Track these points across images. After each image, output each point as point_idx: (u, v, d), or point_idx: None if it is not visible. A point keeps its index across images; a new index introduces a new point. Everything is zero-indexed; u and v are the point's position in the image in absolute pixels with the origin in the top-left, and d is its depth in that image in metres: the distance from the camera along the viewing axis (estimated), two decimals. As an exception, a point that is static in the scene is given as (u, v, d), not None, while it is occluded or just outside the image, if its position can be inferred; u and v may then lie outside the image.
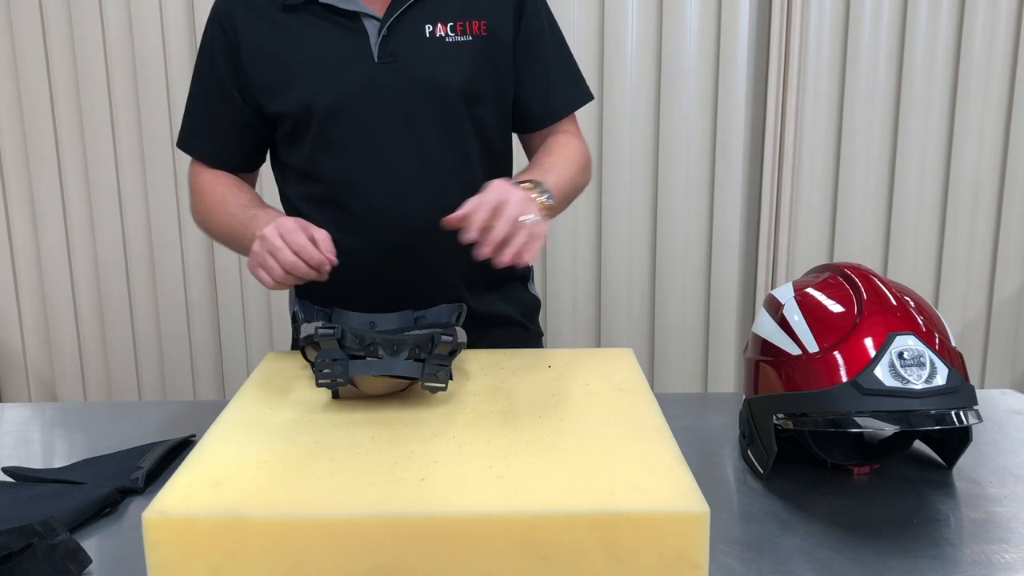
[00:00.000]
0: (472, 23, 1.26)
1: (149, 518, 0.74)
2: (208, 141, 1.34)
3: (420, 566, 0.74)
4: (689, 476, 0.80)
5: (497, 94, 1.31)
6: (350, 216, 1.27)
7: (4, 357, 2.63)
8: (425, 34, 1.24)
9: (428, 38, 1.24)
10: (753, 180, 2.50)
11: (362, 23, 1.24)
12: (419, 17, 1.24)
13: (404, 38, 1.24)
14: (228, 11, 1.27)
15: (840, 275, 1.07)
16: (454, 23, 1.25)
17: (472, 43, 1.26)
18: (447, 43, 1.25)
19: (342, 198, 1.27)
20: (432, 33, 1.25)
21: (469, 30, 1.26)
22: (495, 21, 1.28)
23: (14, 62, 2.42)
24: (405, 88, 1.24)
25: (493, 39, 1.27)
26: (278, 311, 2.57)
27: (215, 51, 1.28)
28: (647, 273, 2.55)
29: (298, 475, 0.81)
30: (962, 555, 0.89)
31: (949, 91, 2.45)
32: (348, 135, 1.25)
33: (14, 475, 1.07)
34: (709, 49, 2.42)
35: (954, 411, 0.93)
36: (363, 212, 1.27)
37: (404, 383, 1.00)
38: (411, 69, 1.24)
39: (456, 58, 1.25)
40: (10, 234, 2.54)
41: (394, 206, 1.26)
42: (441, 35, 1.25)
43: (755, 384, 1.08)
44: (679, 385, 2.61)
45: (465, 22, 1.26)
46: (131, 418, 1.28)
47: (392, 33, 1.23)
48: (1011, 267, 2.55)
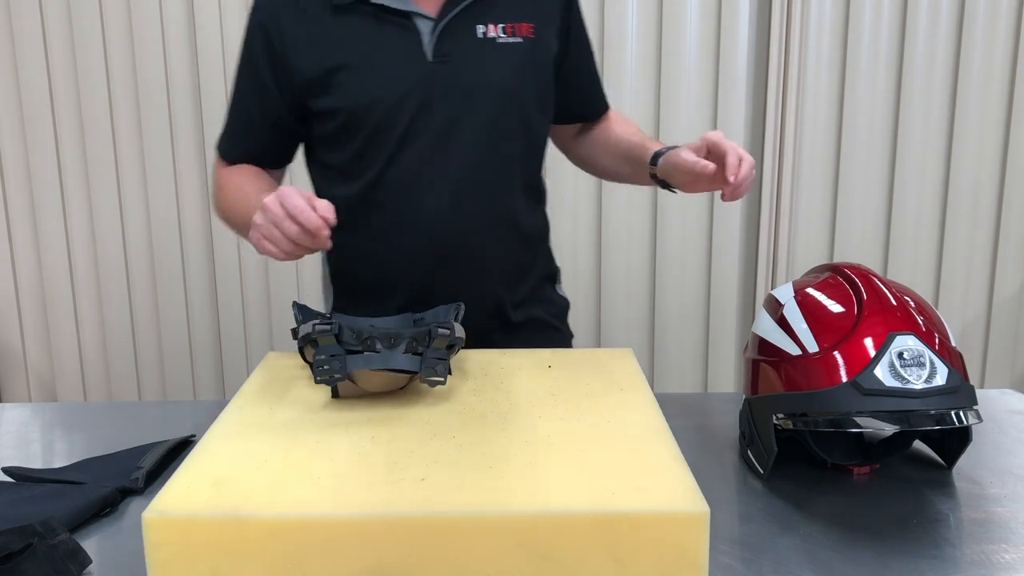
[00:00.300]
0: (521, 25, 1.27)
1: (149, 518, 0.74)
2: (241, 141, 1.35)
3: (420, 566, 0.74)
4: (689, 476, 0.80)
5: (540, 96, 1.32)
6: (394, 215, 1.28)
7: (4, 357, 2.63)
8: (477, 35, 1.25)
9: (481, 39, 1.25)
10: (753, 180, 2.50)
11: (415, 23, 1.24)
12: (471, 18, 1.25)
13: (457, 38, 1.24)
14: (272, 11, 1.27)
15: (840, 275, 1.07)
16: (504, 24, 1.26)
17: (521, 45, 1.27)
18: (499, 44, 1.26)
19: (387, 197, 1.28)
20: (484, 34, 1.25)
21: (518, 32, 1.27)
22: (542, 25, 1.29)
23: (14, 62, 2.42)
24: (458, 88, 1.24)
25: (539, 42, 1.29)
26: (278, 311, 2.57)
27: (255, 51, 1.28)
28: (647, 273, 2.55)
29: (298, 475, 0.81)
30: (962, 555, 0.89)
31: (949, 91, 2.45)
32: (399, 133, 1.25)
33: (14, 475, 1.07)
34: (709, 49, 2.42)
35: (954, 411, 0.93)
36: (408, 211, 1.27)
37: (403, 379, 1.00)
38: (464, 69, 1.24)
39: (507, 59, 1.26)
40: (10, 234, 2.54)
41: (440, 206, 1.26)
42: (493, 36, 1.26)
43: (755, 384, 1.08)
44: (679, 385, 2.61)
45: (514, 24, 1.27)
46: (131, 418, 1.28)
47: (446, 33, 1.24)
48: (1011, 267, 2.55)
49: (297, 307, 1.11)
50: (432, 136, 1.25)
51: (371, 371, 0.96)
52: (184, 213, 2.51)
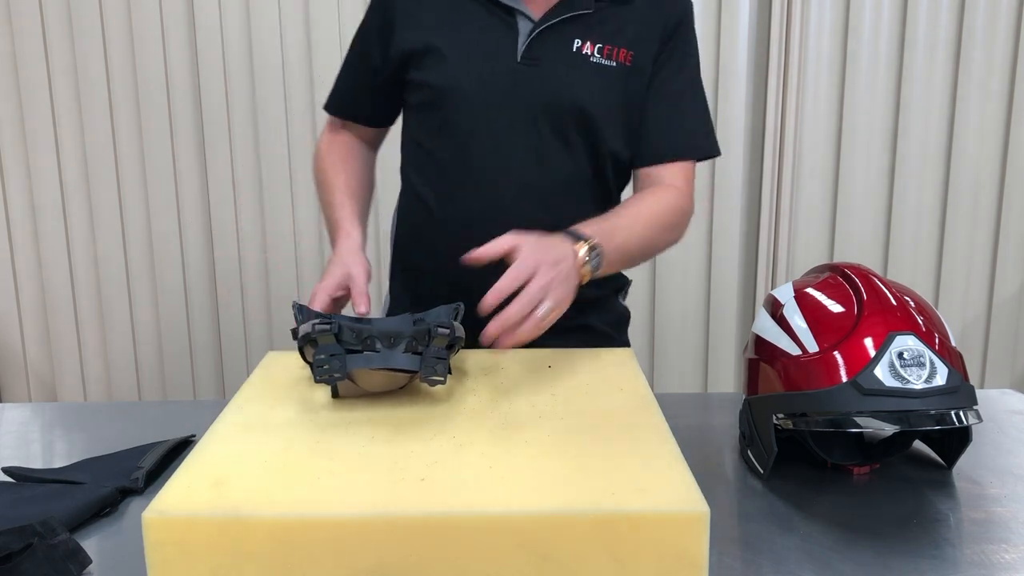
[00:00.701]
0: (620, 51, 1.26)
1: (149, 518, 0.74)
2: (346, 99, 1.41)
3: (420, 566, 0.74)
4: (689, 476, 0.80)
5: (625, 125, 1.29)
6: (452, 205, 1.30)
7: (4, 357, 2.63)
8: (572, 47, 1.25)
9: (574, 52, 1.25)
10: (753, 180, 2.50)
11: (515, 20, 1.25)
12: (571, 30, 1.25)
13: (551, 46, 1.24)
14: None
15: (840, 275, 1.07)
16: (602, 45, 1.25)
17: (615, 69, 1.26)
18: (591, 62, 1.25)
19: (450, 184, 1.30)
20: (579, 49, 1.25)
21: (615, 56, 1.26)
22: (642, 55, 1.27)
23: (14, 62, 2.42)
24: (537, 94, 1.24)
25: (636, 71, 1.27)
26: (278, 311, 2.57)
27: (372, 17, 1.34)
28: (647, 273, 2.55)
29: (298, 475, 0.81)
30: (962, 555, 0.89)
31: (949, 91, 2.45)
32: (472, 124, 1.26)
33: (14, 475, 1.07)
34: (709, 49, 2.42)
35: (954, 411, 0.93)
36: (464, 205, 1.28)
37: (403, 378, 1.00)
38: (548, 78, 1.24)
39: (594, 80, 1.25)
40: (10, 234, 2.54)
41: (493, 207, 1.26)
42: (587, 53, 1.25)
43: (755, 384, 1.08)
44: (679, 385, 2.61)
45: (614, 48, 1.26)
46: (131, 418, 1.28)
47: (541, 38, 1.24)
48: (1011, 267, 2.55)
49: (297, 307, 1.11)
50: (501, 135, 1.25)
51: (371, 370, 0.96)
52: (184, 213, 2.51)
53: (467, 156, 1.28)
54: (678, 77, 1.31)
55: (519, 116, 1.25)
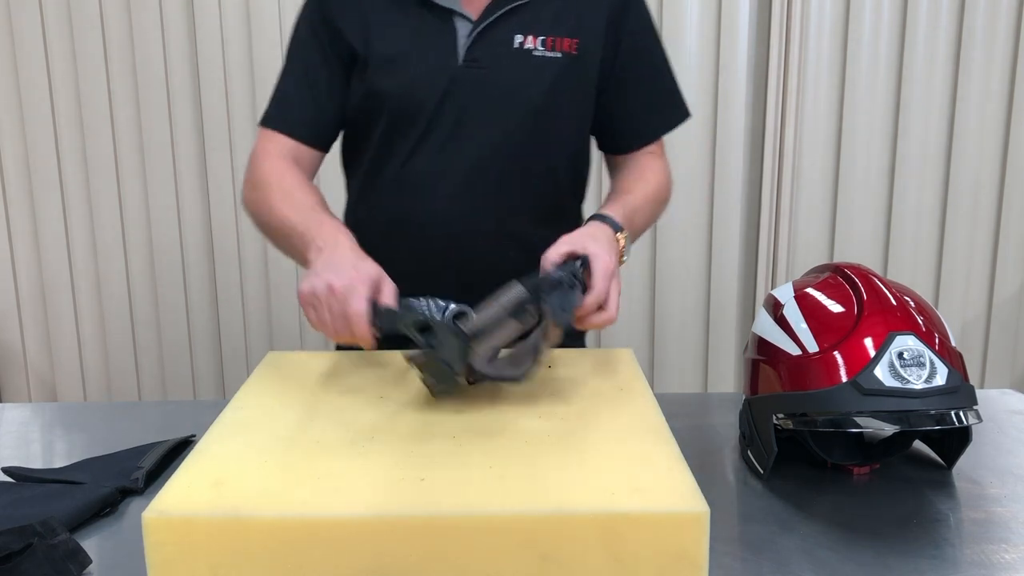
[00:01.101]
0: (563, 40, 1.24)
1: (149, 518, 0.74)
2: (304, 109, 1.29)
3: (420, 566, 0.74)
4: (689, 476, 0.80)
5: (576, 114, 1.29)
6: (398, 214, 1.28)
7: (4, 357, 2.63)
8: (513, 44, 1.23)
9: (516, 49, 1.23)
10: (753, 180, 2.50)
11: (453, 23, 1.23)
12: (511, 26, 1.23)
13: (492, 45, 1.23)
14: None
15: (840, 275, 1.07)
16: (545, 37, 1.24)
17: (560, 60, 1.24)
18: (534, 56, 1.23)
19: (402, 196, 1.27)
20: (521, 44, 1.23)
21: (559, 47, 1.24)
22: (587, 41, 1.26)
23: (14, 62, 2.42)
24: (483, 95, 1.23)
25: (582, 59, 1.26)
26: (278, 311, 2.57)
27: (314, 28, 1.27)
28: (647, 273, 2.55)
29: (298, 475, 0.81)
30: (962, 555, 0.89)
31: (949, 91, 2.45)
32: (417, 132, 1.24)
33: (14, 475, 1.07)
34: (709, 49, 2.42)
35: (954, 411, 0.93)
36: (412, 212, 1.27)
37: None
38: (492, 77, 1.23)
39: (540, 73, 1.24)
40: (10, 234, 2.54)
41: (439, 210, 1.26)
42: (530, 48, 1.23)
43: (755, 384, 1.08)
44: (679, 385, 2.61)
45: (556, 38, 1.24)
46: (131, 418, 1.28)
47: (481, 38, 1.22)
48: (1011, 267, 2.55)
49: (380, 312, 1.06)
50: (444, 140, 1.24)
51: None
52: (184, 213, 2.51)
53: (417, 164, 1.26)
54: (642, 57, 1.32)
55: (466, 121, 1.23)
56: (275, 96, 1.32)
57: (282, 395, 1.02)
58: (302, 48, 1.30)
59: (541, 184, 1.30)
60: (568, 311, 0.95)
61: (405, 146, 1.25)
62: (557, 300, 0.94)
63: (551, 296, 0.93)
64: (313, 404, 0.99)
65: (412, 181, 1.26)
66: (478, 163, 1.25)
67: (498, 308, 0.92)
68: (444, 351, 0.91)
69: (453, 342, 0.91)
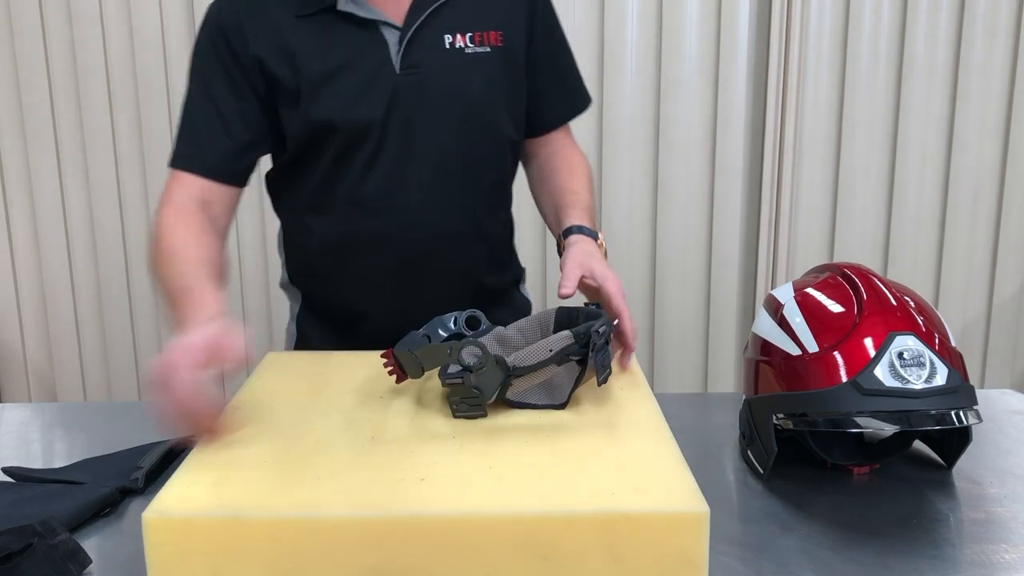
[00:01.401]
0: (489, 34, 1.25)
1: (149, 518, 0.74)
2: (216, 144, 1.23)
3: (420, 566, 0.74)
4: (689, 476, 0.80)
5: (511, 105, 1.30)
6: (364, 231, 1.26)
7: (4, 357, 2.63)
8: (445, 45, 1.23)
9: (449, 49, 1.23)
10: (753, 180, 2.50)
11: (381, 33, 1.21)
12: (438, 27, 1.23)
13: (425, 49, 1.22)
14: (235, 21, 1.21)
15: (840, 275, 1.07)
16: (472, 34, 1.24)
17: (490, 55, 1.25)
18: (467, 54, 1.24)
19: (356, 213, 1.26)
20: (452, 44, 1.23)
21: (486, 41, 1.24)
22: (510, 32, 1.26)
23: (14, 62, 2.42)
24: (428, 100, 1.22)
25: (508, 50, 1.26)
26: (278, 312, 2.57)
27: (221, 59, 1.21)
28: (647, 273, 2.55)
29: (298, 475, 0.81)
30: (962, 555, 0.89)
31: (949, 91, 2.45)
32: (372, 148, 1.22)
33: (14, 475, 1.07)
34: (709, 49, 2.42)
35: (954, 411, 0.93)
36: (382, 226, 1.26)
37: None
38: (434, 81, 1.22)
39: (476, 70, 1.24)
40: (10, 234, 2.54)
41: (416, 218, 1.25)
42: (461, 46, 1.23)
43: (755, 384, 1.08)
44: (679, 385, 2.61)
45: (482, 33, 1.24)
46: (131, 418, 1.28)
47: (413, 44, 1.21)
48: (1011, 267, 2.55)
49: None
50: (398, 150, 1.23)
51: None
52: (184, 213, 2.51)
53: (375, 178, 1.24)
54: (551, 43, 1.34)
55: (416, 129, 1.23)
56: (183, 133, 1.25)
57: (282, 395, 1.02)
58: (208, 80, 1.23)
59: (495, 176, 1.32)
60: (608, 368, 0.98)
61: (358, 163, 1.23)
62: (602, 357, 0.95)
63: (599, 354, 0.95)
64: (313, 404, 0.99)
65: (372, 196, 1.24)
66: (436, 167, 1.25)
67: (543, 351, 0.93)
68: (483, 379, 0.91)
69: (495, 373, 0.92)
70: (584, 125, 2.42)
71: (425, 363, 0.96)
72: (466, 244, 1.31)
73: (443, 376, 0.94)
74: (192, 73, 1.25)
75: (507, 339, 1.07)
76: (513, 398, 0.96)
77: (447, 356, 0.92)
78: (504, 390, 0.94)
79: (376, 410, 0.97)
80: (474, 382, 0.91)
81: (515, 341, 1.07)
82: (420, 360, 0.96)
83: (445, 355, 0.92)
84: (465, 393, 0.92)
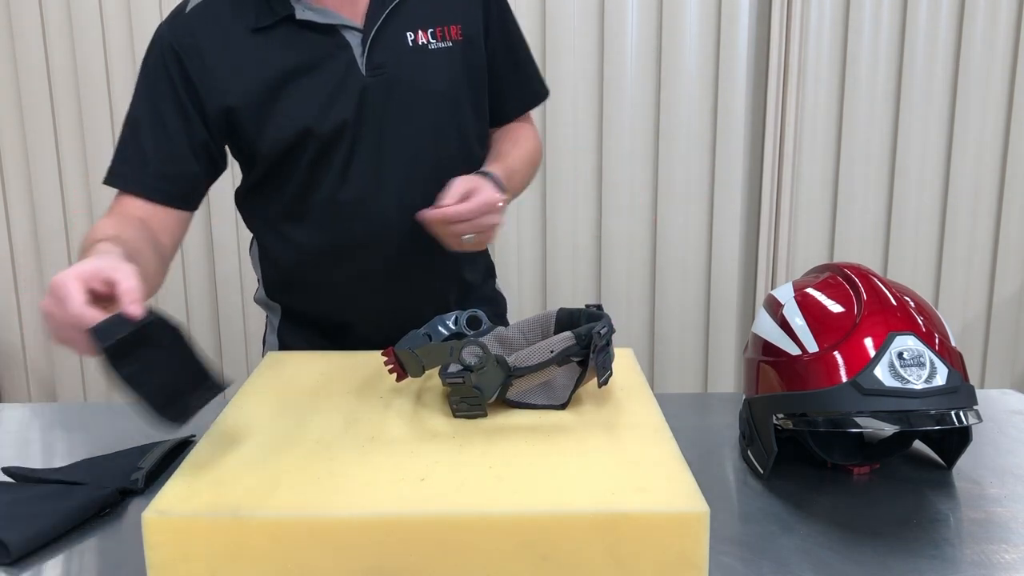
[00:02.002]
0: (449, 29, 1.25)
1: (149, 518, 0.74)
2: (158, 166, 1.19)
3: (420, 566, 0.74)
4: (689, 476, 0.80)
5: (476, 98, 1.30)
6: (344, 235, 1.26)
7: (4, 357, 2.63)
8: (408, 43, 1.22)
9: (412, 47, 1.22)
10: (753, 180, 2.50)
11: (343, 36, 1.20)
12: (399, 25, 1.22)
13: (389, 49, 1.21)
14: (189, 42, 1.18)
15: (840, 275, 1.07)
16: (433, 29, 1.24)
17: (452, 49, 1.25)
18: (430, 50, 1.23)
19: (335, 219, 1.25)
20: (415, 41, 1.23)
21: (448, 36, 1.24)
22: (468, 25, 1.27)
23: (14, 62, 2.42)
24: (397, 98, 1.22)
25: (468, 43, 1.27)
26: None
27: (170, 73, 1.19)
28: (647, 273, 2.55)
29: (298, 475, 0.81)
30: (962, 555, 0.89)
31: (949, 91, 2.45)
32: (342, 155, 1.22)
33: (14, 475, 1.07)
34: (709, 49, 2.42)
35: (954, 411, 0.93)
36: (360, 229, 1.25)
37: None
38: (400, 80, 1.22)
39: (440, 65, 1.24)
40: (10, 234, 2.54)
41: (393, 219, 1.25)
42: (424, 43, 1.23)
43: (755, 384, 1.08)
44: (679, 385, 2.61)
45: (443, 28, 1.24)
46: (131, 418, 1.27)
47: (376, 44, 1.21)
48: (1011, 267, 2.55)
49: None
50: (372, 153, 1.22)
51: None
52: (184, 213, 2.51)
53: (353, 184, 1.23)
54: (507, 34, 1.34)
55: (387, 129, 1.22)
56: (123, 151, 1.22)
57: (282, 395, 1.02)
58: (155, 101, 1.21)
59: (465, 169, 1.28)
60: (609, 369, 0.98)
61: (333, 171, 1.22)
62: (603, 359, 0.95)
63: (600, 356, 0.95)
64: (313, 404, 0.99)
65: (349, 199, 1.23)
66: (413, 167, 1.24)
67: (545, 352, 0.93)
68: (484, 379, 0.91)
69: (495, 373, 0.92)
70: (584, 125, 2.42)
71: (426, 362, 0.96)
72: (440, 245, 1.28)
73: (443, 375, 0.94)
74: (138, 91, 1.23)
75: (508, 339, 1.07)
76: (513, 398, 0.96)
77: (448, 355, 0.92)
78: (505, 390, 0.94)
79: (376, 410, 0.97)
80: (474, 382, 0.91)
81: (516, 341, 1.07)
82: (421, 359, 0.96)
83: (446, 354, 0.92)
84: (465, 393, 0.92)
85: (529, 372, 0.93)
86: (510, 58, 1.35)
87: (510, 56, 1.35)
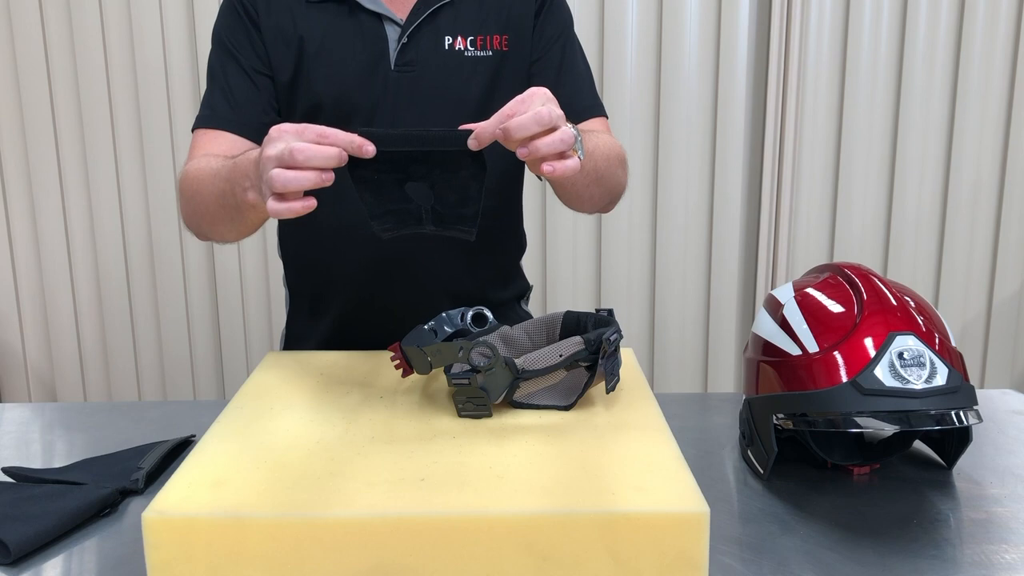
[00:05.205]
0: (493, 38, 1.23)
1: (149, 518, 0.74)
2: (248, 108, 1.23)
3: (420, 566, 0.74)
4: (689, 476, 0.80)
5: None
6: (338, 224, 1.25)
7: (4, 357, 2.63)
8: (444, 46, 1.22)
9: (447, 50, 1.22)
10: (753, 180, 2.50)
11: (384, 27, 1.22)
12: (440, 27, 1.22)
13: (423, 48, 1.22)
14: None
15: (840, 275, 1.07)
16: (474, 37, 1.23)
17: (491, 59, 1.24)
18: (465, 57, 1.23)
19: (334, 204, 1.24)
20: (451, 46, 1.22)
21: (489, 45, 1.23)
22: (517, 36, 1.25)
23: (14, 62, 2.42)
24: (418, 99, 1.22)
25: (513, 55, 1.25)
26: (278, 312, 2.57)
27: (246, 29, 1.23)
28: (647, 273, 2.55)
29: (298, 475, 0.81)
30: (962, 555, 0.89)
31: (949, 91, 2.45)
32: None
33: (14, 475, 1.07)
34: (709, 49, 2.42)
35: (954, 411, 0.93)
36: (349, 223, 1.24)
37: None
38: (426, 81, 1.22)
39: (473, 74, 1.23)
40: (10, 234, 2.54)
41: None
42: (460, 48, 1.22)
43: (755, 384, 1.08)
44: (679, 385, 2.61)
45: (486, 36, 1.23)
46: (131, 418, 1.28)
47: (412, 41, 1.21)
48: (1011, 267, 2.56)
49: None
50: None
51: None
52: (184, 213, 2.51)
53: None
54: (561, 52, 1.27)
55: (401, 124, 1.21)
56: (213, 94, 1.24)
57: (282, 395, 1.02)
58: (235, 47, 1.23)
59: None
60: (616, 375, 0.98)
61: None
62: (611, 365, 0.96)
63: (608, 362, 0.94)
64: (313, 404, 0.99)
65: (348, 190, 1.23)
66: None
67: (554, 355, 0.93)
68: (490, 380, 0.91)
69: (503, 375, 0.92)
70: (584, 125, 2.42)
71: (434, 360, 0.95)
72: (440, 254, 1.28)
73: (449, 375, 0.94)
74: (217, 40, 1.26)
75: (513, 339, 1.07)
76: (523, 400, 0.96)
77: (457, 355, 0.92)
78: (512, 392, 0.94)
79: (376, 410, 0.97)
80: (481, 383, 0.91)
81: (521, 342, 1.07)
82: (429, 357, 0.95)
83: (455, 354, 0.92)
84: (471, 393, 0.92)
85: (537, 375, 0.93)
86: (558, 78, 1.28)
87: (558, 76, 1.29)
